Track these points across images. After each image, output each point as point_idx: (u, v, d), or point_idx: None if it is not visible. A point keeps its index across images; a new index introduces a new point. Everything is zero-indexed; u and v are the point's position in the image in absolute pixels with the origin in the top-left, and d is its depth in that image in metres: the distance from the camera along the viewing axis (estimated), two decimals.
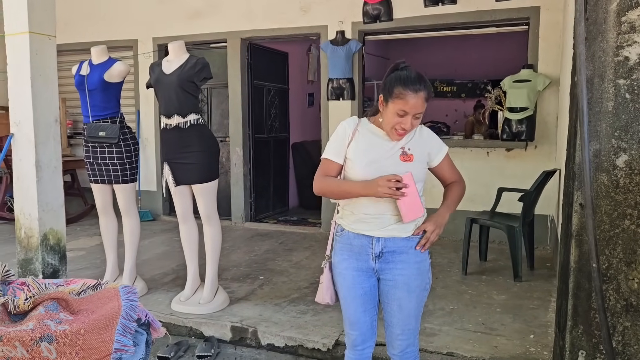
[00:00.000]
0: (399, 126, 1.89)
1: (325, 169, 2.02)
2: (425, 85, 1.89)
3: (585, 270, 1.84)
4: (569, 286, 1.88)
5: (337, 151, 2.00)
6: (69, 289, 1.50)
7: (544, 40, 5.02)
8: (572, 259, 1.87)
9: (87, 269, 4.49)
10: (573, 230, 1.86)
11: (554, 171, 4.41)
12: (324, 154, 2.04)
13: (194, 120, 3.33)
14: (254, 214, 6.56)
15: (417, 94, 1.85)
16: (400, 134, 1.92)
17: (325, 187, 2.01)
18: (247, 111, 6.39)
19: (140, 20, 6.64)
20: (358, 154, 1.97)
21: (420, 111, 1.89)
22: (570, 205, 1.91)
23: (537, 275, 4.33)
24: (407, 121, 1.88)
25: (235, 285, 4.04)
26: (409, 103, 1.85)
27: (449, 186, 2.11)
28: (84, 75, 3.58)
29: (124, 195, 3.70)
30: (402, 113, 1.88)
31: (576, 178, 1.83)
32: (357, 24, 5.67)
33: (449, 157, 2.08)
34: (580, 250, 1.85)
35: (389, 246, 1.97)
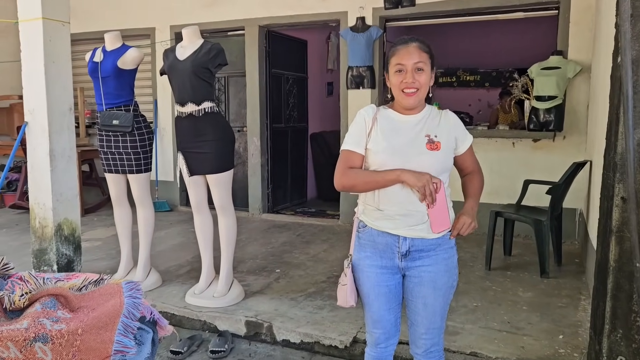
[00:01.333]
0: (403, 84, 1.80)
1: (346, 161, 1.88)
2: (416, 39, 1.84)
3: (626, 269, 1.68)
4: (608, 287, 1.73)
5: (358, 141, 1.87)
6: (69, 285, 1.41)
7: (575, 24, 4.78)
8: (612, 257, 1.71)
9: (103, 259, 4.45)
10: (613, 226, 1.70)
11: (585, 163, 4.20)
12: (343, 145, 1.90)
13: (209, 108, 3.23)
14: (271, 206, 6.47)
15: (408, 45, 1.82)
16: (409, 93, 1.80)
17: (354, 180, 1.84)
18: (264, 100, 6.28)
19: (158, 8, 6.56)
20: (379, 143, 1.83)
21: (417, 60, 1.79)
22: (610, 199, 1.76)
23: (565, 271, 4.14)
24: (408, 75, 1.79)
25: (251, 278, 3.94)
26: (402, 55, 1.80)
27: (469, 177, 1.98)
28: (98, 62, 3.50)
29: (138, 186, 3.62)
30: (399, 68, 1.81)
31: (618, 169, 1.67)
32: (378, 10, 5.50)
33: (471, 146, 1.96)
34: (621, 248, 1.69)
35: (416, 245, 1.84)
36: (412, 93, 1.81)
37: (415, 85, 1.80)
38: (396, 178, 1.77)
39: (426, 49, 1.84)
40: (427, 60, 1.82)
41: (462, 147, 1.92)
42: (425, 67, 1.81)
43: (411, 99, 1.82)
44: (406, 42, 1.84)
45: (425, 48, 1.83)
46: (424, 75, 1.81)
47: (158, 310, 3.32)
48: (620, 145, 1.65)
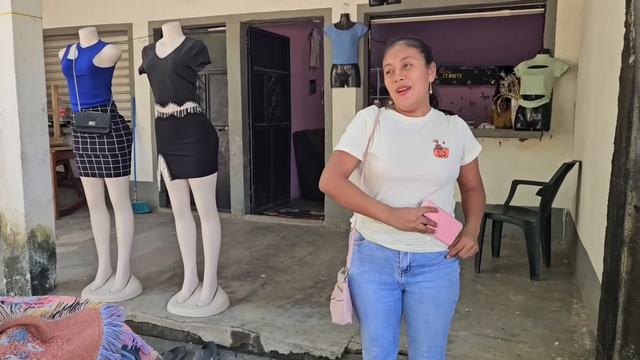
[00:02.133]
0: (394, 85, 1.69)
1: (338, 163, 1.70)
2: (404, 37, 1.73)
3: (638, 282, 1.60)
4: (619, 300, 1.65)
5: (356, 144, 1.71)
6: (41, 312, 1.26)
7: (561, 23, 4.74)
8: (624, 269, 1.63)
9: (79, 265, 4.25)
10: (625, 236, 1.62)
11: (574, 163, 4.15)
12: (338, 145, 1.74)
13: (191, 109, 3.07)
14: (254, 206, 6.32)
15: (395, 44, 1.72)
16: (402, 92, 1.68)
17: (340, 194, 1.69)
18: (246, 99, 6.12)
19: (135, 2, 6.34)
20: (383, 148, 1.69)
21: (404, 55, 1.68)
22: (621, 207, 1.67)
23: (555, 273, 4.09)
24: (397, 73, 1.68)
25: (236, 285, 3.80)
26: (388, 55, 1.72)
27: (472, 194, 1.84)
28: (72, 59, 3.31)
29: (116, 190, 3.45)
30: (388, 68, 1.71)
31: (630, 177, 1.59)
32: (362, 7, 5.38)
33: (477, 159, 1.82)
34: (634, 260, 1.61)
35: (418, 260, 1.72)
36: (404, 92, 1.68)
37: (406, 83, 1.67)
38: (378, 218, 1.65)
39: (414, 43, 1.71)
40: (417, 54, 1.69)
41: (469, 157, 1.78)
42: (415, 61, 1.68)
43: (404, 98, 1.69)
44: (393, 42, 1.74)
45: (413, 42, 1.71)
46: (413, 71, 1.67)
47: (138, 321, 3.17)
48: (633, 151, 1.57)
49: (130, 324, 3.23)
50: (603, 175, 2.63)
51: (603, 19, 3.19)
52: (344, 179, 1.70)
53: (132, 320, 3.25)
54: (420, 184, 1.66)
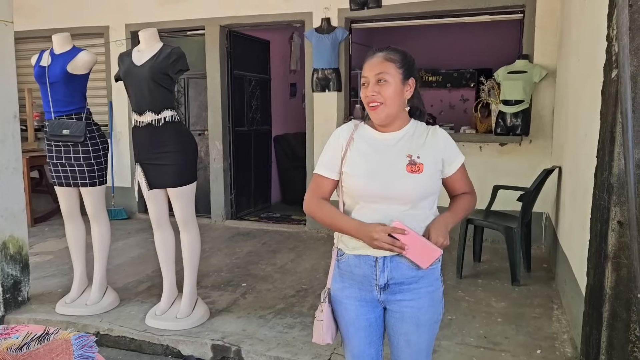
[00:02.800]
0: (367, 98, 1.66)
1: (317, 186, 1.74)
2: (386, 48, 1.69)
3: (623, 297, 1.60)
4: (603, 315, 1.64)
5: (330, 165, 1.72)
6: (7, 344, 1.19)
7: (540, 28, 4.78)
8: (607, 284, 1.62)
9: (54, 276, 4.14)
10: (609, 251, 1.61)
11: (554, 169, 4.18)
12: (316, 167, 1.76)
13: (169, 117, 3.00)
14: (234, 212, 6.24)
15: (374, 55, 1.68)
16: (372, 108, 1.65)
17: (318, 215, 1.74)
18: (226, 103, 6.04)
19: (112, 4, 6.21)
20: (356, 165, 1.67)
21: (378, 70, 1.63)
22: (604, 222, 1.67)
23: (535, 278, 4.12)
24: (370, 88, 1.65)
25: (216, 295, 3.73)
26: (365, 66, 1.68)
27: (458, 196, 1.79)
28: (45, 66, 3.21)
29: (92, 200, 3.35)
30: (363, 81, 1.68)
31: (614, 192, 1.58)
32: (343, 11, 5.36)
33: (464, 168, 1.77)
34: (618, 275, 1.60)
35: (395, 277, 1.67)
36: (374, 107, 1.64)
37: (377, 99, 1.63)
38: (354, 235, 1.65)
39: (393, 57, 1.65)
40: (394, 69, 1.63)
41: (449, 169, 1.73)
42: (390, 77, 1.63)
43: (375, 113, 1.65)
44: (374, 52, 1.69)
45: (392, 56, 1.65)
46: (387, 87, 1.63)
47: (115, 335, 3.08)
48: (616, 166, 1.56)
49: (107, 338, 3.16)
50: (583, 184, 2.64)
51: (581, 26, 3.21)
52: (319, 200, 1.73)
53: (108, 334, 3.17)
54: (394, 201, 1.63)
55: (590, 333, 1.79)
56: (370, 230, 1.59)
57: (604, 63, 1.74)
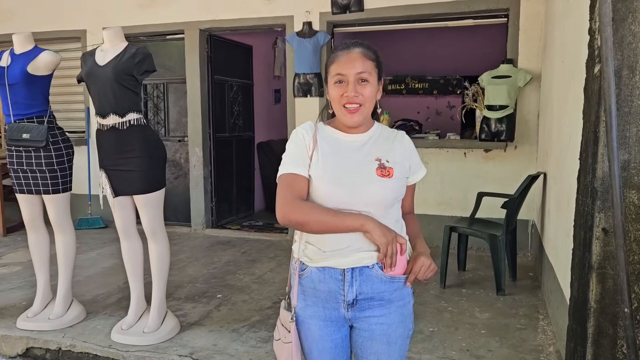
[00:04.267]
0: (344, 99, 1.50)
1: (290, 187, 1.50)
2: (360, 43, 1.54)
3: (609, 312, 1.47)
4: (588, 330, 1.51)
5: (299, 162, 1.53)
6: None
7: (524, 32, 4.69)
8: (592, 297, 1.49)
9: (20, 288, 3.95)
10: (593, 261, 1.48)
11: (539, 175, 4.08)
12: (282, 167, 1.55)
13: (134, 120, 2.85)
14: (215, 220, 6.08)
15: (350, 50, 1.52)
16: (351, 110, 1.50)
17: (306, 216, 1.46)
18: (207, 108, 5.90)
19: (89, 8, 6.06)
20: (322, 170, 1.52)
21: (361, 70, 1.49)
22: (588, 230, 1.54)
23: (521, 286, 4.00)
24: (350, 88, 1.49)
25: (189, 307, 3.57)
26: (342, 63, 1.50)
27: (408, 217, 1.68)
28: (4, 67, 3.04)
29: (55, 207, 3.18)
30: (339, 78, 1.51)
31: (598, 196, 1.45)
32: (325, 15, 5.25)
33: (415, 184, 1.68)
34: (603, 287, 1.48)
35: (365, 292, 1.53)
36: (355, 109, 1.50)
37: (358, 100, 1.49)
38: (359, 227, 1.45)
39: (372, 55, 1.53)
40: (373, 69, 1.52)
41: (412, 179, 1.63)
42: (370, 77, 1.51)
43: (354, 116, 1.51)
44: (348, 47, 1.54)
45: (371, 55, 1.53)
46: (368, 88, 1.50)
47: (78, 351, 2.91)
48: (600, 169, 1.44)
49: (69, 354, 2.98)
50: (567, 191, 2.53)
51: (565, 27, 3.12)
52: (304, 201, 1.50)
53: (71, 351, 2.99)
54: (365, 207, 1.49)
55: (575, 349, 1.66)
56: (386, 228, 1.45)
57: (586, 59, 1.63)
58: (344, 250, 1.51)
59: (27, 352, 3.09)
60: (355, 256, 1.51)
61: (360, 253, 1.51)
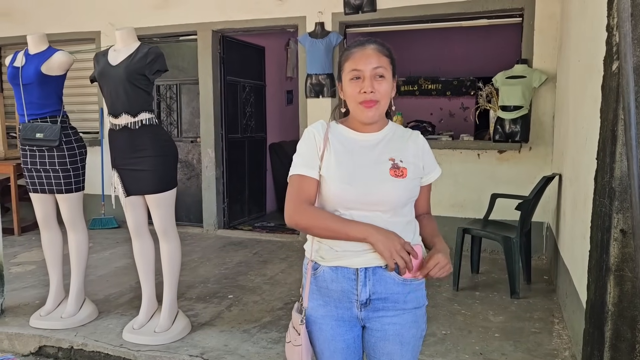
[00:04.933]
0: (360, 96, 1.48)
1: (299, 190, 1.51)
2: (374, 40, 1.52)
3: (627, 315, 1.43)
4: (605, 334, 1.47)
5: (310, 163, 1.52)
6: None
7: (539, 32, 4.63)
8: (610, 300, 1.45)
9: (34, 287, 3.98)
10: (611, 263, 1.44)
11: (554, 176, 4.02)
12: (293, 168, 1.55)
13: (146, 120, 2.86)
14: (227, 221, 6.08)
15: (365, 47, 1.51)
16: (368, 105, 1.48)
17: (312, 221, 1.48)
18: (219, 109, 5.91)
19: (104, 9, 6.11)
20: (333, 169, 1.50)
21: (377, 65, 1.48)
22: (605, 231, 1.50)
23: (535, 290, 3.94)
24: (366, 84, 1.47)
25: (200, 307, 3.56)
26: (358, 59, 1.49)
27: (424, 217, 1.64)
28: (19, 67, 3.07)
29: (68, 207, 3.20)
30: (356, 74, 1.49)
31: (616, 197, 1.42)
32: (337, 15, 5.23)
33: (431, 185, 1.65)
34: (621, 290, 1.44)
35: (378, 292, 1.51)
36: (372, 105, 1.49)
37: (376, 97, 1.48)
38: (362, 239, 1.43)
39: (386, 52, 1.52)
40: (388, 65, 1.51)
41: (426, 179, 1.60)
42: (386, 73, 1.49)
43: (371, 111, 1.49)
44: (362, 43, 1.52)
45: (385, 51, 1.52)
46: (384, 84, 1.49)
47: (89, 350, 2.92)
48: (618, 168, 1.40)
49: (81, 353, 2.99)
50: (583, 191, 2.48)
51: (582, 25, 3.07)
52: (310, 206, 1.50)
53: (82, 349, 3.00)
54: (377, 207, 1.47)
55: (592, 354, 1.62)
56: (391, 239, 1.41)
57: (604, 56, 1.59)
58: (357, 249, 1.49)
59: (39, 350, 3.11)
60: (368, 256, 1.49)
61: (374, 253, 1.48)
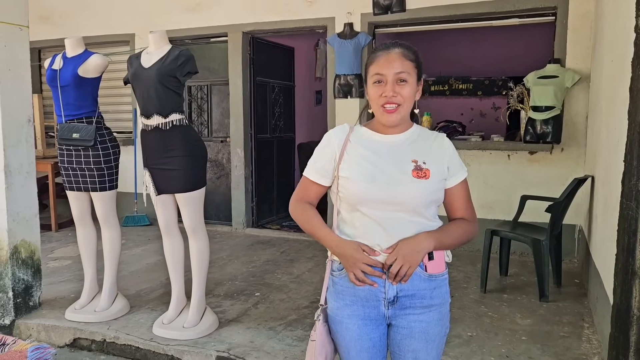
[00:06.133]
0: (382, 99, 1.50)
1: (304, 190, 1.64)
2: (400, 44, 1.54)
3: None
4: (630, 338, 1.45)
5: (320, 170, 1.60)
6: None
7: (573, 31, 4.54)
8: (635, 304, 1.43)
9: (69, 281, 4.12)
10: (637, 267, 1.42)
11: (586, 178, 3.94)
12: (305, 170, 1.64)
13: (177, 121, 2.93)
14: (255, 220, 6.16)
15: (389, 51, 1.52)
16: (389, 110, 1.50)
17: (299, 220, 1.63)
18: (249, 110, 5.99)
19: (138, 13, 6.27)
20: (354, 168, 1.53)
21: (400, 70, 1.49)
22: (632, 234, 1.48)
23: (566, 293, 3.87)
24: (388, 88, 1.49)
25: (228, 304, 3.63)
26: (381, 63, 1.51)
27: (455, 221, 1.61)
28: (57, 69, 3.20)
29: (102, 204, 3.31)
30: (378, 78, 1.51)
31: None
32: (366, 16, 5.24)
33: (466, 185, 1.61)
34: None
35: (405, 289, 1.53)
36: (393, 110, 1.51)
37: (397, 100, 1.50)
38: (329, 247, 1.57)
39: (411, 56, 1.53)
40: (412, 69, 1.52)
41: (452, 180, 1.58)
42: (409, 77, 1.51)
43: (392, 115, 1.52)
44: (387, 47, 1.54)
45: (410, 55, 1.53)
46: (406, 88, 1.51)
47: (121, 343, 3.01)
48: None
49: (113, 346, 3.09)
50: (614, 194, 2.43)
51: (615, 25, 3.00)
52: (303, 205, 1.63)
53: (115, 342, 3.10)
54: (398, 208, 1.49)
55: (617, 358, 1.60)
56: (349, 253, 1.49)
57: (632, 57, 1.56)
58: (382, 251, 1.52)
59: (74, 342, 3.22)
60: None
61: None
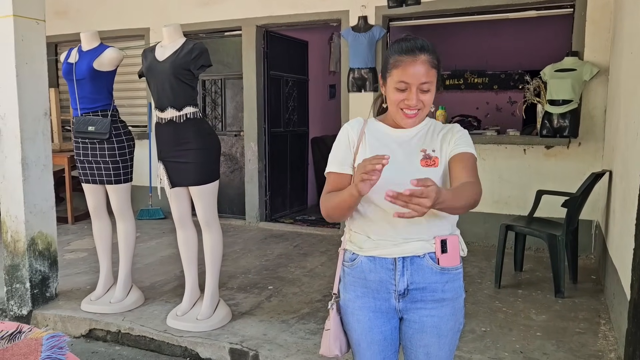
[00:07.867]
0: (403, 104, 1.49)
1: (333, 185, 1.58)
2: (427, 49, 1.49)
3: None
4: None
5: (343, 161, 1.59)
6: None
7: (592, 24, 4.46)
8: None
9: (85, 273, 4.17)
10: None
11: (603, 173, 3.87)
12: (328, 167, 1.62)
13: (191, 114, 2.94)
14: (269, 213, 6.18)
15: (416, 58, 1.47)
16: (410, 115, 1.50)
17: (326, 208, 1.55)
18: (262, 104, 6.00)
19: (152, 7, 6.31)
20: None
21: (425, 80, 1.47)
22: None
23: (582, 290, 3.82)
24: (411, 96, 1.47)
25: (241, 297, 3.65)
26: (407, 71, 1.47)
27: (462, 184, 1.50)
28: (72, 63, 3.22)
29: (117, 197, 3.34)
30: (402, 86, 1.48)
31: None
32: (381, 9, 5.20)
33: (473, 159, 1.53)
34: None
35: (416, 282, 1.52)
36: (414, 115, 1.51)
37: (418, 106, 1.51)
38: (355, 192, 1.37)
39: (435, 62, 1.50)
40: (435, 76, 1.51)
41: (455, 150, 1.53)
42: (432, 86, 1.50)
43: (411, 120, 1.53)
44: (413, 52, 1.48)
45: (434, 62, 1.50)
46: (429, 95, 1.51)
47: (136, 334, 3.04)
48: None
49: (128, 337, 3.13)
50: (633, 189, 2.39)
51: (634, 16, 2.94)
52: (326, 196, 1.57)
53: (129, 333, 3.13)
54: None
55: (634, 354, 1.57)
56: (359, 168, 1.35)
57: None
58: (394, 239, 1.52)
59: (89, 333, 3.27)
60: (406, 246, 1.52)
61: (411, 242, 1.51)
